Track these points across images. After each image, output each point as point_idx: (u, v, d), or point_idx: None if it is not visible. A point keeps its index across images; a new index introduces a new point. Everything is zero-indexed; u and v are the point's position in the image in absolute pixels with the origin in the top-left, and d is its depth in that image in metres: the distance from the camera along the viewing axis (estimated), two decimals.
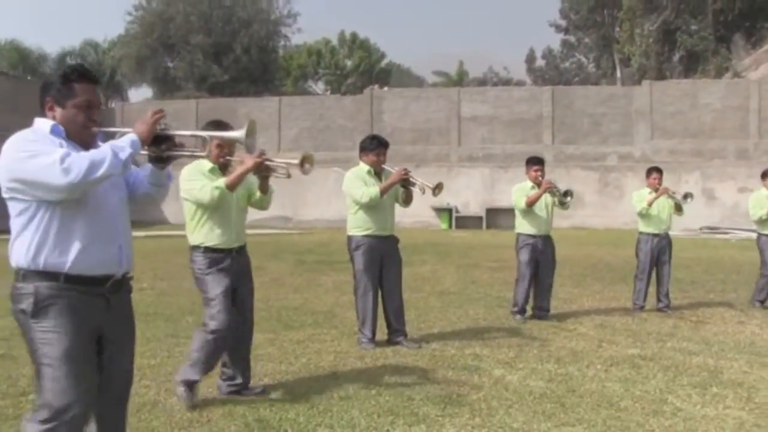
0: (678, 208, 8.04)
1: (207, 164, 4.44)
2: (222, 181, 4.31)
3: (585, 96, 25.36)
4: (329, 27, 63.41)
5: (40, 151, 2.55)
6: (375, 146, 6.07)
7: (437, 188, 5.99)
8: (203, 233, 4.43)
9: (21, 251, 2.65)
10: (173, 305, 7.88)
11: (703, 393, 4.69)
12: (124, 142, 2.59)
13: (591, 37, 42.28)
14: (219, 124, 4.28)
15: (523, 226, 7.49)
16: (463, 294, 9.14)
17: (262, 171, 4.30)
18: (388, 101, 26.27)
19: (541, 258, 7.43)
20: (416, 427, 3.98)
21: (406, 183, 5.96)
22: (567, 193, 7.47)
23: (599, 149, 24.66)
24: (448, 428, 3.96)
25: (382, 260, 6.05)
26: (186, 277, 10.76)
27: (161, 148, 2.74)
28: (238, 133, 2.72)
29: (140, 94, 41.76)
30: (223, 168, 4.47)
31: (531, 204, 7.32)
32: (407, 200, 6.14)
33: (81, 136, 2.72)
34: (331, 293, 9.06)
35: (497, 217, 23.47)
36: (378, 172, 6.08)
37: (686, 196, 7.99)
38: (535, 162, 7.56)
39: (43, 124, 2.72)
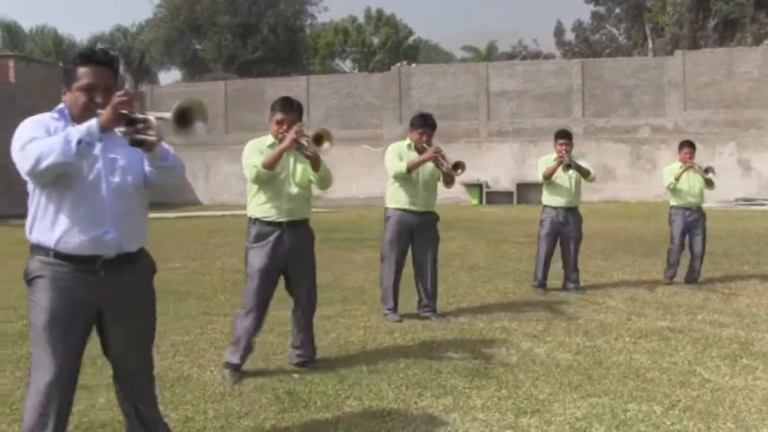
0: (709, 183, 7.91)
1: (269, 139, 4.54)
2: (259, 161, 4.41)
3: (615, 68, 24.94)
4: (355, 4, 63.00)
5: (22, 135, 2.65)
6: (420, 125, 6.15)
7: (458, 167, 5.97)
8: (255, 205, 4.58)
9: (26, 224, 2.81)
10: (206, 284, 8.01)
11: (732, 364, 4.67)
12: (78, 129, 2.55)
13: (621, 8, 41.38)
14: (287, 101, 4.54)
15: (546, 197, 7.55)
16: (492, 269, 9.15)
17: (296, 148, 4.39)
18: (416, 78, 26.14)
19: (563, 230, 7.44)
20: (443, 399, 4.04)
21: (436, 162, 6.00)
22: (570, 166, 7.37)
23: (631, 122, 24.28)
24: (475, 400, 4.01)
25: (412, 235, 6.10)
26: (218, 257, 11.02)
27: (129, 130, 2.64)
28: (166, 114, 2.64)
29: (170, 77, 42.19)
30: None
31: (547, 177, 7.35)
32: (447, 181, 6.16)
33: (85, 118, 2.66)
34: (360, 270, 9.13)
35: (528, 192, 23.31)
36: (419, 150, 6.13)
37: (707, 170, 7.89)
38: (561, 136, 7.54)
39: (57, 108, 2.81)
